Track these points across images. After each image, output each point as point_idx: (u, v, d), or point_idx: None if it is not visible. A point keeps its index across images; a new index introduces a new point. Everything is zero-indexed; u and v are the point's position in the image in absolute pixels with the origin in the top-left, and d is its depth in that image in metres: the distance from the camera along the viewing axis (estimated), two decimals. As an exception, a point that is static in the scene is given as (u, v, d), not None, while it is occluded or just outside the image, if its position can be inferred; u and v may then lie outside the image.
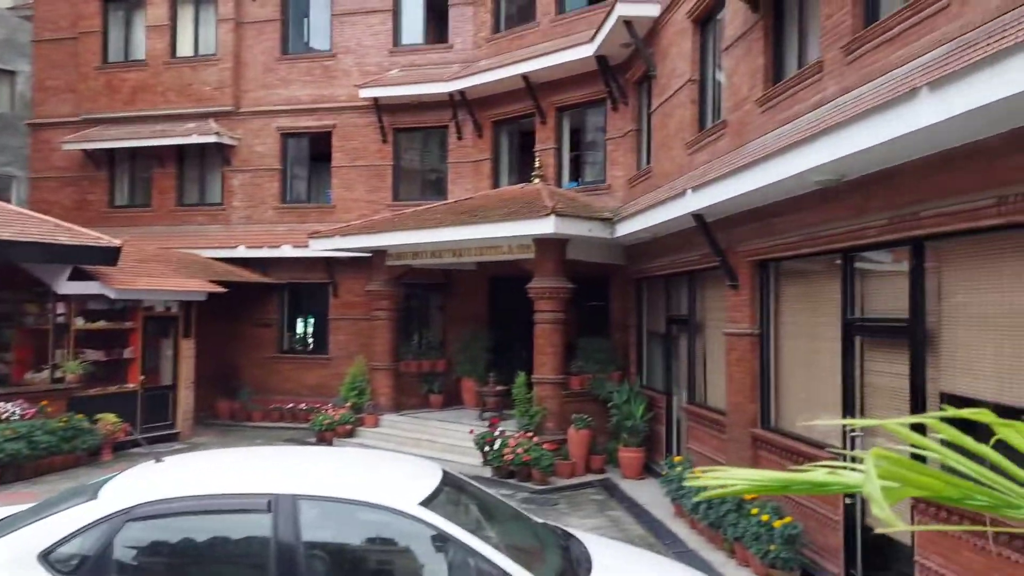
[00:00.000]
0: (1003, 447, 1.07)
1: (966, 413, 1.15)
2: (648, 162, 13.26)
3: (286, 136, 18.72)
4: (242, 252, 17.51)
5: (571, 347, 13.71)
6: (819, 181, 6.32)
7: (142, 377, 14.69)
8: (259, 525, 4.11)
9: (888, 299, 6.34)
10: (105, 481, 4.63)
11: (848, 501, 6.69)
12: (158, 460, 4.86)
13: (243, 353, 18.22)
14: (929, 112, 4.27)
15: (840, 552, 6.77)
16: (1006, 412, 4.58)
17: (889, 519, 0.92)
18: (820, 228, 6.98)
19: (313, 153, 18.83)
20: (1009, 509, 0.98)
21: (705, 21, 10.91)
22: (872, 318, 6.58)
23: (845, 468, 1.10)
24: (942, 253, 5.56)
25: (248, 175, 18.79)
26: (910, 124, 4.46)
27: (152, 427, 14.65)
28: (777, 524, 7.23)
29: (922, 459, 1.11)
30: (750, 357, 8.65)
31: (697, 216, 8.82)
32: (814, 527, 7.20)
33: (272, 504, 4.11)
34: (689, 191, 8.40)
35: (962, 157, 4.87)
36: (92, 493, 4.38)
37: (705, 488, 1.22)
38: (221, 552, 4.26)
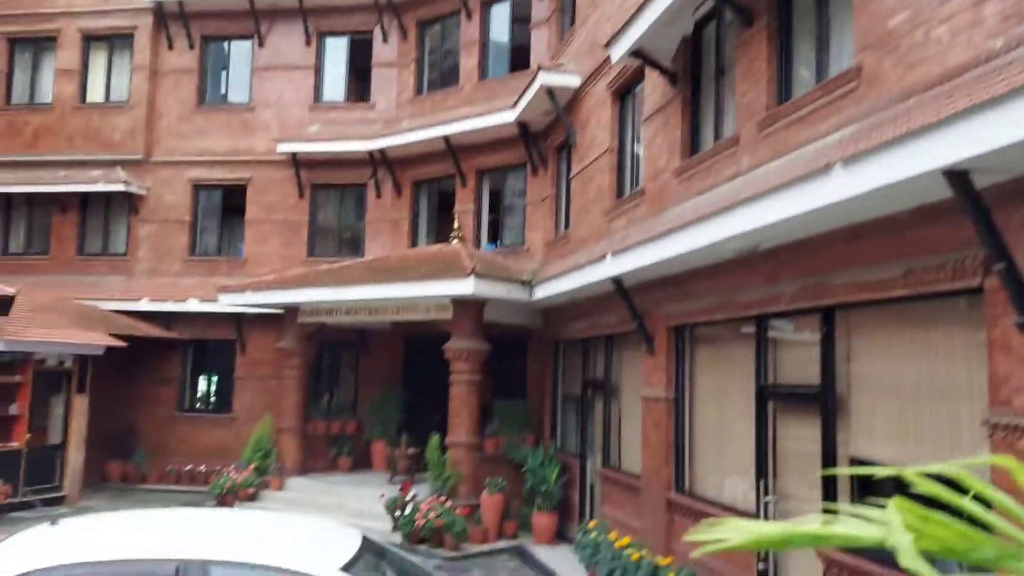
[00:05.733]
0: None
1: (937, 469, 1.17)
2: (567, 226, 13.51)
3: (198, 187, 18.24)
4: (145, 305, 16.77)
5: (486, 410, 13.59)
6: (735, 249, 6.55)
7: (28, 435, 13.71)
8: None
9: (800, 366, 6.56)
10: (-10, 547, 4.24)
11: (761, 567, 6.76)
12: (53, 523, 4.49)
13: (140, 412, 17.25)
14: (843, 186, 4.51)
15: (755, 617, 6.80)
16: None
17: (922, 570, 0.90)
18: (735, 295, 7.22)
19: (226, 205, 18.38)
20: (1015, 561, 0.98)
21: (624, 93, 11.33)
22: (784, 384, 6.78)
23: (843, 518, 1.09)
24: (851, 321, 5.81)
25: (155, 226, 18.14)
26: (825, 197, 4.70)
27: (36, 489, 13.61)
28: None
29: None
30: (665, 421, 8.76)
31: (616, 280, 8.99)
32: (729, 592, 7.23)
33: (180, 570, 3.84)
34: (609, 256, 8.57)
35: (871, 230, 5.15)
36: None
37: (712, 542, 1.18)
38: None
